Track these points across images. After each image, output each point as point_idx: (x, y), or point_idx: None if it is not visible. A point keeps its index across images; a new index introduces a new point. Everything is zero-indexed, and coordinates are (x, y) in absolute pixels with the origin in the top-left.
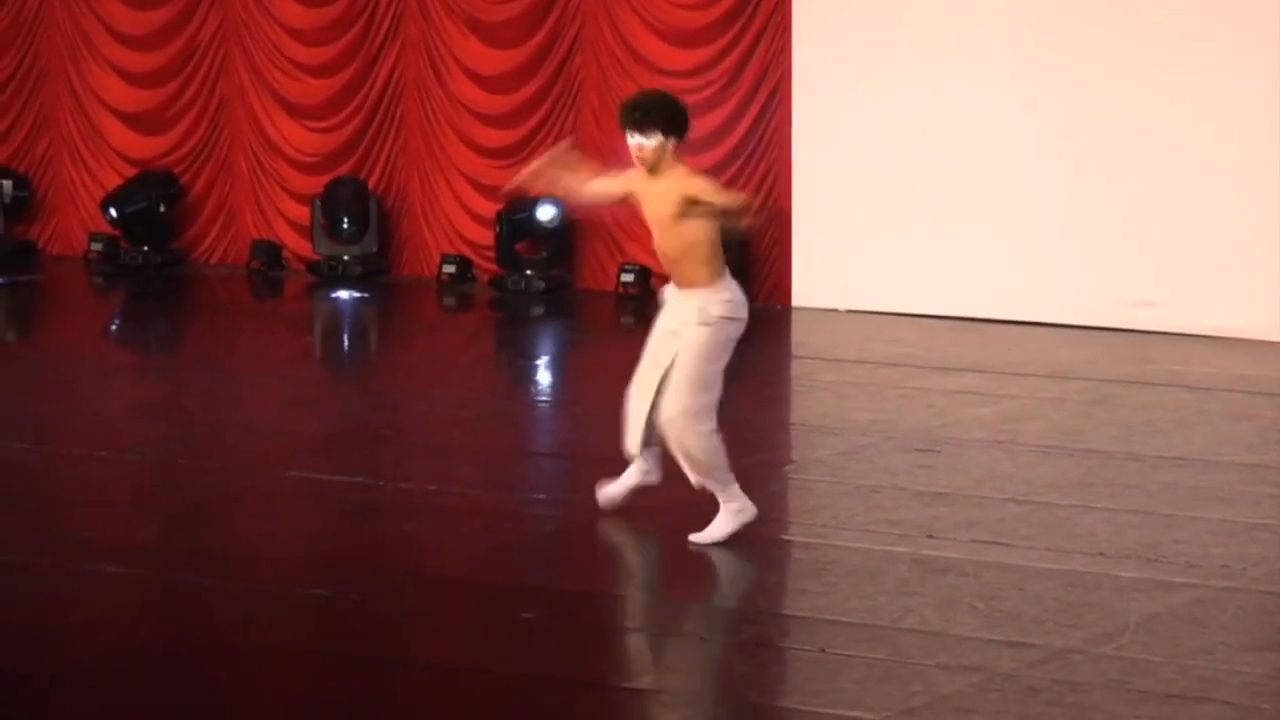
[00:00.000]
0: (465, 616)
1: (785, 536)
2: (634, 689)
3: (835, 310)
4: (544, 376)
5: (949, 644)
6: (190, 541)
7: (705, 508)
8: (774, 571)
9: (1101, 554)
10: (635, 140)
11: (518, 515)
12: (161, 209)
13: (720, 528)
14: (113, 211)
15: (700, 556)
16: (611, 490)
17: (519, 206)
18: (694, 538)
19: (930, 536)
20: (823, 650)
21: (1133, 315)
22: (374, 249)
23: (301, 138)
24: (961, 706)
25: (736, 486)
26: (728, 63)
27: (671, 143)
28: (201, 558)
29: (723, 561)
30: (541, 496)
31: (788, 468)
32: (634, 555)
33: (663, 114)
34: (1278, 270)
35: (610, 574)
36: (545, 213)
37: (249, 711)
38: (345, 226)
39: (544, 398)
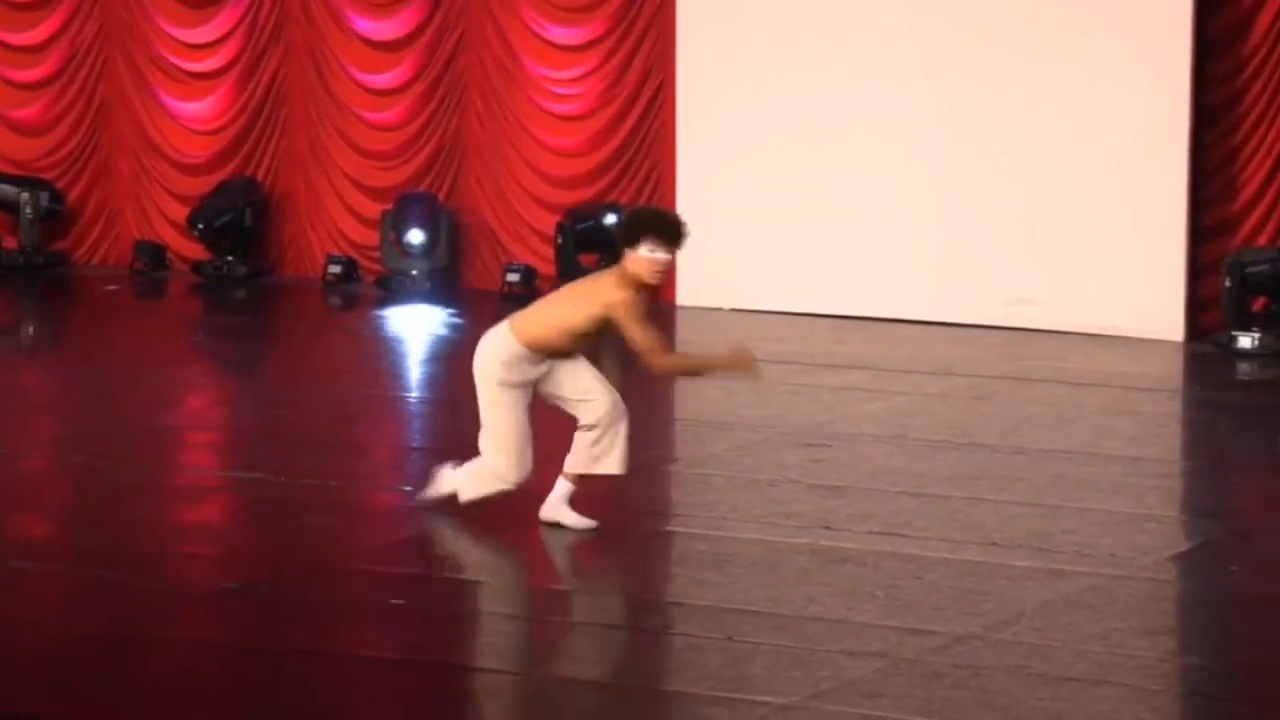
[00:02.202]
0: (378, 608)
1: (685, 529)
2: (547, 676)
3: (719, 309)
4: (431, 374)
5: (852, 631)
6: (98, 538)
7: (596, 497)
8: (677, 563)
9: (994, 544)
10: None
11: (418, 509)
12: (29, 213)
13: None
14: None
15: (601, 548)
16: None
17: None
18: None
19: (827, 528)
20: (730, 638)
21: (1013, 313)
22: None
23: (184, 140)
24: (868, 691)
25: None
26: (611, 65)
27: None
28: (111, 554)
29: (625, 553)
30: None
31: (677, 464)
32: (534, 548)
33: None
34: (1152, 270)
35: (515, 567)
36: (415, 236)
37: (171, 704)
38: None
39: (433, 395)
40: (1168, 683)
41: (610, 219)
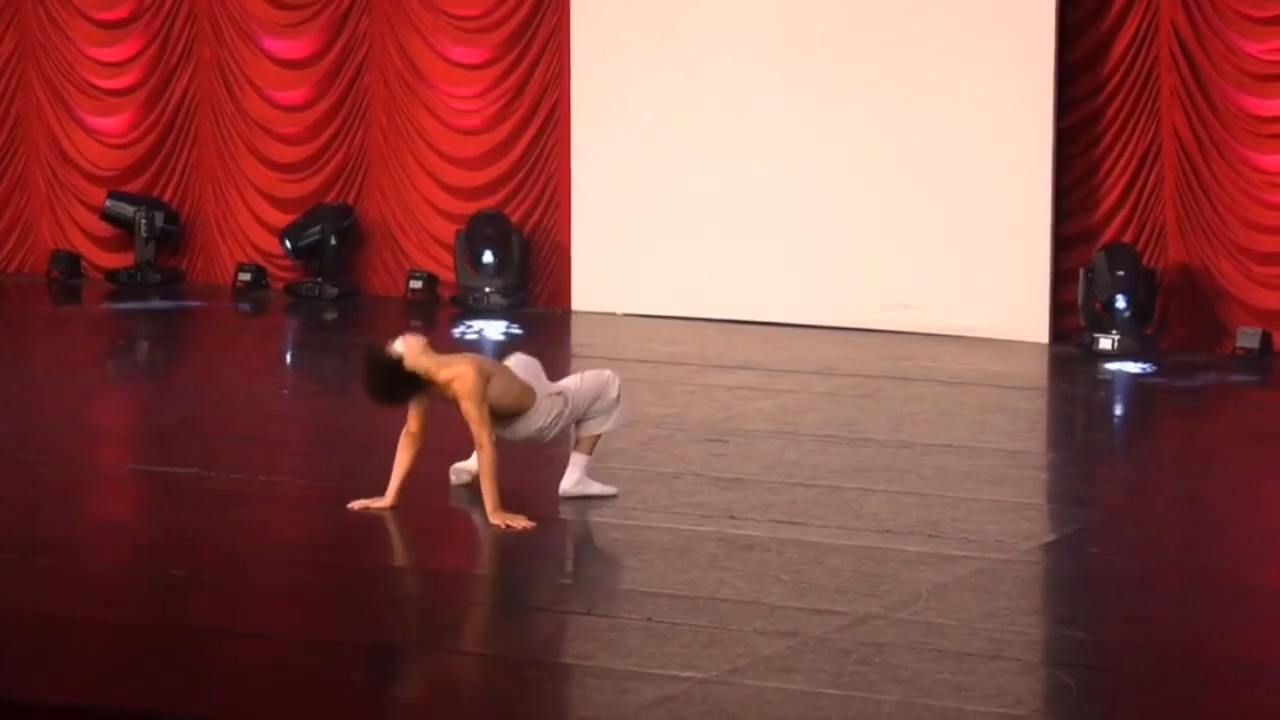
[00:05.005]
0: (308, 592)
1: (600, 519)
2: (481, 655)
3: (612, 314)
4: (340, 375)
5: (762, 612)
6: (44, 529)
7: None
8: (594, 550)
9: (888, 531)
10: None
11: (348, 501)
12: None
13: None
14: None
15: (521, 537)
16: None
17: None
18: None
19: (732, 517)
20: (649, 619)
21: (890, 317)
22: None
23: (97, 152)
24: (782, 667)
25: None
26: (509, 83)
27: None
28: (57, 542)
29: (545, 541)
30: (363, 485)
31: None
32: (459, 536)
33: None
34: (1018, 276)
35: (447, 553)
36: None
37: (109, 683)
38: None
39: (342, 394)
40: (1054, 656)
41: (487, 258)
